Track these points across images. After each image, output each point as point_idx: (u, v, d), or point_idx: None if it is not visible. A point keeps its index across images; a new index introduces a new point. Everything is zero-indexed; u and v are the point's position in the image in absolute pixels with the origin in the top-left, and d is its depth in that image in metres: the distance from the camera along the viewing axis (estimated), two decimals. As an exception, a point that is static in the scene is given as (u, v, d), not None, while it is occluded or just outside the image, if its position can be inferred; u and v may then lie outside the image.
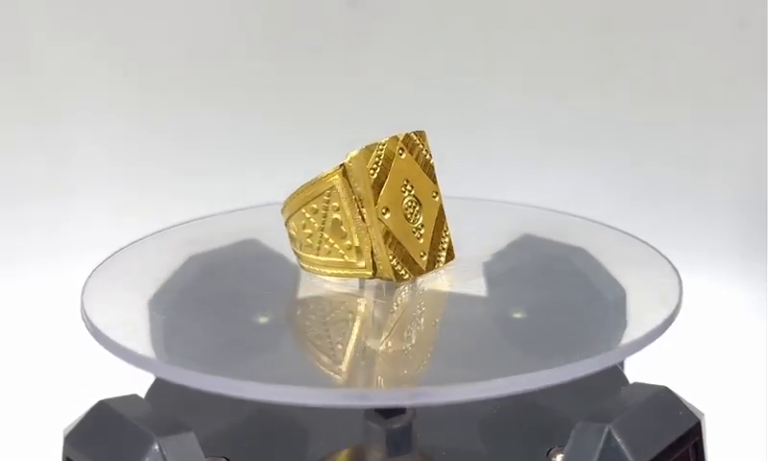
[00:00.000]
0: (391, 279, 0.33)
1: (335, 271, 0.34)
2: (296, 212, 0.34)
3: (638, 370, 0.36)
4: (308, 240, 0.34)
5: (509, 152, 0.63)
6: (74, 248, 0.61)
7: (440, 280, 0.35)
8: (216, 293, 0.36)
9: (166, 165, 0.63)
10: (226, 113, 0.63)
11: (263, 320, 0.33)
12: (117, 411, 0.29)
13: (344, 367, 0.31)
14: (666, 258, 0.35)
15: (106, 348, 0.30)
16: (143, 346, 0.31)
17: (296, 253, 0.35)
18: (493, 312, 0.35)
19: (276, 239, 0.35)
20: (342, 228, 0.33)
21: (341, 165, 0.33)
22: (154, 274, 0.36)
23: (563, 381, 0.27)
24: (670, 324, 0.31)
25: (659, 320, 0.30)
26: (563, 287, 0.36)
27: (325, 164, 0.35)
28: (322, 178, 0.33)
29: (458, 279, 0.35)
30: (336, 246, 0.33)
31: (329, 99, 0.63)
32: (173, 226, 0.40)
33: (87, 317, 0.31)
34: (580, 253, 0.38)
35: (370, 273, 0.33)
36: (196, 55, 0.63)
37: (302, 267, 0.35)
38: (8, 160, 0.63)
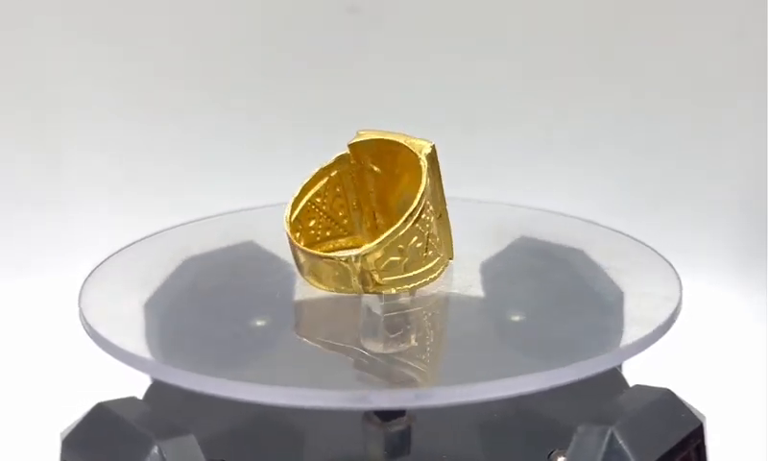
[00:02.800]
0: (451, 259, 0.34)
1: (439, 271, 0.33)
2: (405, 233, 0.31)
3: (639, 374, 0.36)
4: (420, 253, 0.32)
5: (507, 153, 0.63)
6: (72, 250, 0.60)
7: (438, 283, 0.35)
8: (213, 295, 0.36)
9: (164, 167, 0.63)
10: (225, 117, 0.63)
11: (261, 323, 0.33)
12: (116, 413, 0.29)
13: (343, 369, 0.31)
14: (666, 260, 0.35)
15: (103, 349, 0.29)
16: (140, 347, 0.31)
17: (388, 283, 0.32)
18: (492, 314, 0.35)
19: (273, 241, 0.35)
20: (436, 226, 0.33)
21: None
22: (151, 276, 0.36)
23: (563, 383, 0.27)
24: (670, 326, 0.31)
25: (658, 322, 0.30)
26: (561, 289, 0.36)
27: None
28: (422, 189, 0.31)
29: (457, 281, 0.35)
30: (436, 246, 0.32)
31: (328, 102, 0.63)
32: (170, 228, 0.40)
33: (85, 319, 0.31)
34: (578, 254, 0.37)
35: (448, 259, 0.34)
36: (195, 58, 0.63)
37: (398, 290, 0.32)
38: (6, 162, 0.63)
